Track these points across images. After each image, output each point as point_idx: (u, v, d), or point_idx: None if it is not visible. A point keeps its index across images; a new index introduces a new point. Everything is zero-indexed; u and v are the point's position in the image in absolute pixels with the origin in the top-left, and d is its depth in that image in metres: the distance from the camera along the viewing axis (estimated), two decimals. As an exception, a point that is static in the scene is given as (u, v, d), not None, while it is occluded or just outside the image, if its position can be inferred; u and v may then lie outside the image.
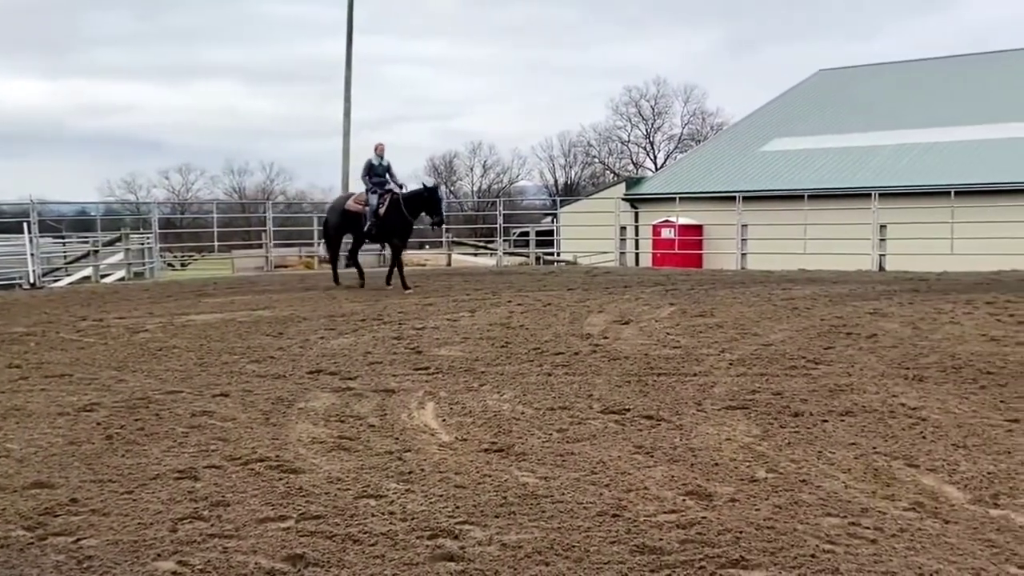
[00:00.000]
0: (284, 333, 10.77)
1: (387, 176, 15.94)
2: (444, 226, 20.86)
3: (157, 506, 4.78)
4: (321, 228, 20.20)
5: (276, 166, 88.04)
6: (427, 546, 4.20)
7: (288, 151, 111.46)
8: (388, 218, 15.51)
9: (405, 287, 15.15)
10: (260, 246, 25.85)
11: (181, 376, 8.34)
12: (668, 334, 10.02)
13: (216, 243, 26.20)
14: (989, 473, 5.10)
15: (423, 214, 15.85)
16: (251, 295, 15.38)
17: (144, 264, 23.74)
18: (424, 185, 15.93)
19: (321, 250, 21.92)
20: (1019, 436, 5.84)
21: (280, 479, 5.21)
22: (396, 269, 15.80)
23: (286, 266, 25.70)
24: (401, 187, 15.92)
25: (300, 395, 7.43)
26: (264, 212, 26.89)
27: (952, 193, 21.97)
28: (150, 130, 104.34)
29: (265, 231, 25.34)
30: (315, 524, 4.49)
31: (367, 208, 15.74)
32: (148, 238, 24.17)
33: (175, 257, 36.15)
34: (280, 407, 7.02)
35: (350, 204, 16.33)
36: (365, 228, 15.77)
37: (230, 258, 26.31)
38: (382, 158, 15.94)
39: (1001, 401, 6.77)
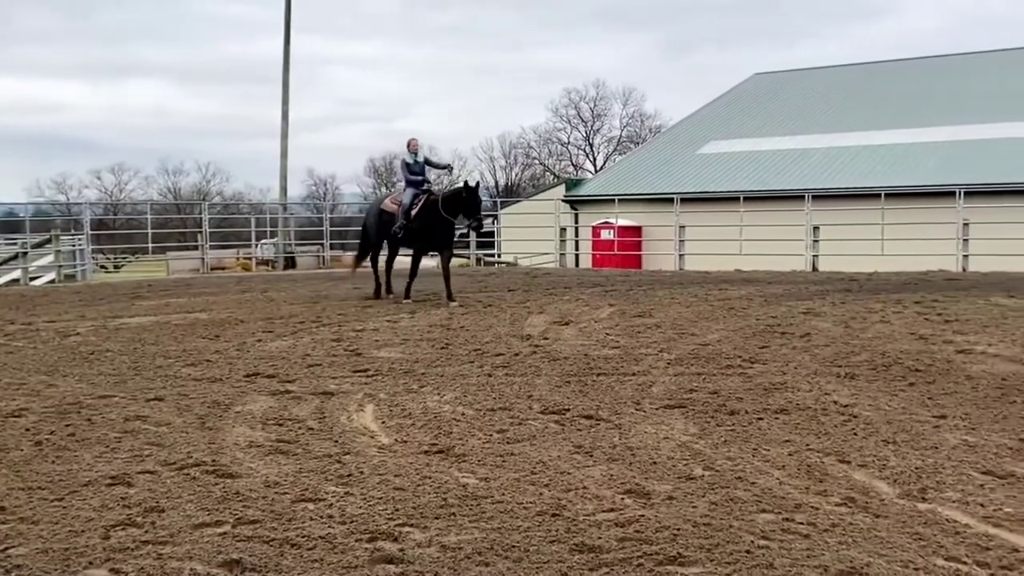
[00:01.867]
0: (221, 336, 10.60)
1: (425, 174, 14.18)
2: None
3: (89, 513, 4.67)
4: (279, 230, 19.74)
5: (212, 166, 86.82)
6: (366, 549, 4.17)
7: (225, 151, 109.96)
8: (422, 221, 13.65)
9: (451, 298, 13.34)
10: (196, 247, 25.45)
11: (114, 380, 8.16)
12: (607, 334, 10.11)
13: (150, 244, 25.73)
14: (917, 468, 5.24)
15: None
16: (187, 297, 15.12)
17: (75, 266, 23.18)
18: (465, 183, 13.88)
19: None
20: (946, 432, 6.01)
21: (216, 484, 5.13)
22: (445, 279, 13.72)
23: (223, 268, 25.33)
24: (448, 170, 14.49)
25: (237, 399, 7.33)
26: (200, 213, 26.46)
27: (883, 195, 22.54)
28: (81, 129, 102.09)
29: (201, 232, 24.95)
30: (252, 529, 4.43)
31: (399, 208, 13.95)
32: (79, 239, 23.62)
33: (108, 259, 35.36)
34: (216, 411, 6.91)
35: (387, 204, 14.46)
36: (393, 229, 13.89)
37: (165, 260, 25.83)
38: (416, 154, 14.16)
39: (929, 398, 6.96)
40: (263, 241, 28.56)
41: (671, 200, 25.02)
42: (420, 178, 14.04)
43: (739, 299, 12.92)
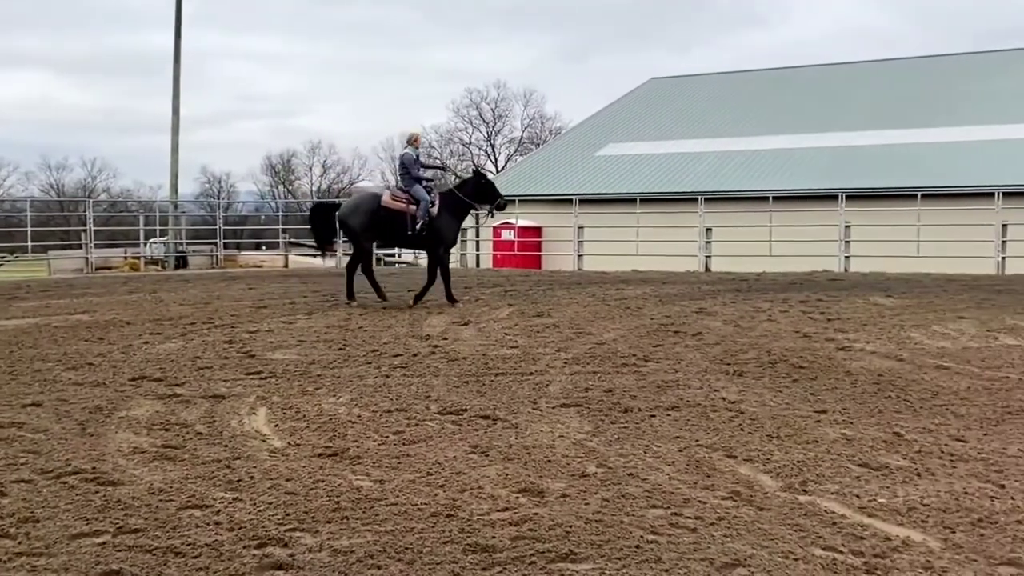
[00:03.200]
0: (105, 338, 10.22)
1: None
2: (282, 227, 20.19)
3: (-43, 526, 4.44)
4: (154, 228, 19.03)
5: (99, 162, 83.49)
6: (255, 555, 4.08)
7: (112, 147, 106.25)
8: (447, 216, 13.01)
9: (453, 300, 12.85)
10: (80, 247, 24.49)
11: (-12, 386, 7.78)
12: (506, 334, 10.15)
13: (30, 243, 24.61)
14: (799, 462, 5.43)
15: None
16: (69, 298, 14.53)
17: (-52, 266, 22.02)
18: (475, 171, 13.62)
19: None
20: (826, 426, 6.25)
21: (96, 492, 4.94)
22: (444, 278, 13.09)
23: (109, 268, 24.45)
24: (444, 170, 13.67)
25: (121, 403, 7.07)
26: (85, 211, 25.48)
27: (770, 198, 23.28)
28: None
29: (86, 231, 24.03)
30: (134, 538, 4.28)
31: (413, 207, 12.77)
32: (-48, 238, 22.44)
33: (-16, 258, 33.68)
34: (98, 416, 6.66)
35: (388, 200, 12.97)
36: (416, 228, 12.74)
37: (46, 259, 24.74)
38: (418, 149, 13.51)
39: (811, 393, 7.22)
40: (152, 240, 27.69)
41: (570, 201, 25.33)
42: (427, 174, 13.49)
43: (635, 299, 13.15)
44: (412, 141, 13.58)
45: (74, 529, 4.39)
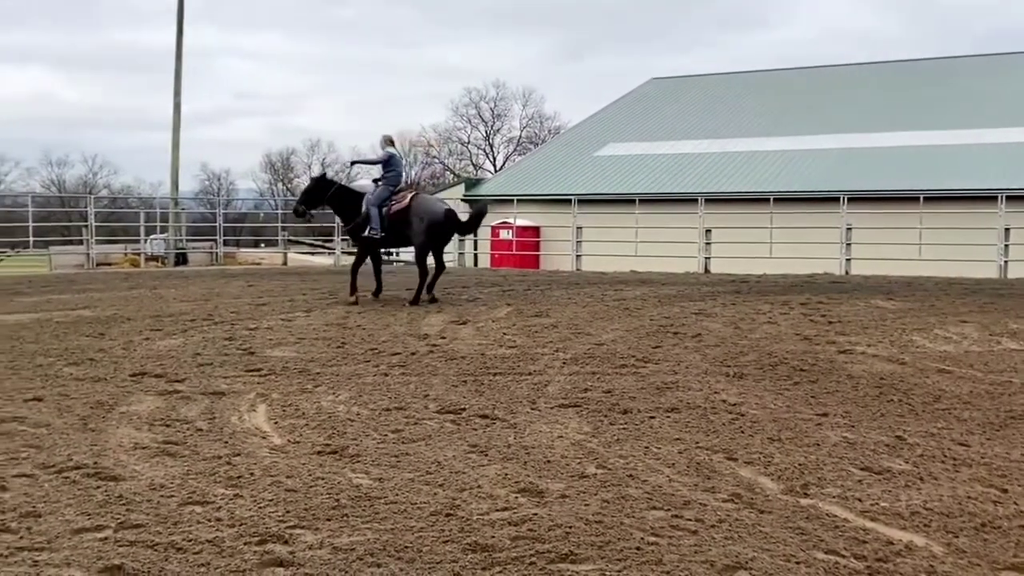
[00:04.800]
0: (106, 334, 10.22)
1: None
2: (281, 225, 20.04)
3: (-43, 520, 4.44)
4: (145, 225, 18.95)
5: (100, 158, 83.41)
6: (255, 552, 4.08)
7: (113, 144, 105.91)
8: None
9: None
10: (81, 243, 24.48)
11: (-12, 380, 7.77)
12: (504, 334, 10.15)
13: (32, 239, 24.59)
14: (800, 464, 5.43)
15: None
16: (70, 294, 14.52)
17: (-52, 260, 22.00)
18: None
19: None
20: (827, 429, 6.24)
21: (98, 487, 4.94)
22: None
23: (110, 264, 24.44)
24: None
25: (122, 399, 7.07)
26: (86, 207, 25.47)
27: (771, 200, 23.27)
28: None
29: (87, 226, 24.02)
30: (135, 533, 4.28)
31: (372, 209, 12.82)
32: (-47, 232, 22.42)
33: (-16, 253, 33.66)
34: (100, 412, 6.66)
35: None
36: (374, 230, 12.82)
37: (47, 255, 24.73)
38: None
39: (812, 396, 7.21)
40: (153, 237, 27.65)
41: (569, 201, 25.30)
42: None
43: (634, 300, 13.15)
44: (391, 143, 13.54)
45: (76, 524, 4.39)
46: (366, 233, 12.96)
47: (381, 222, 12.79)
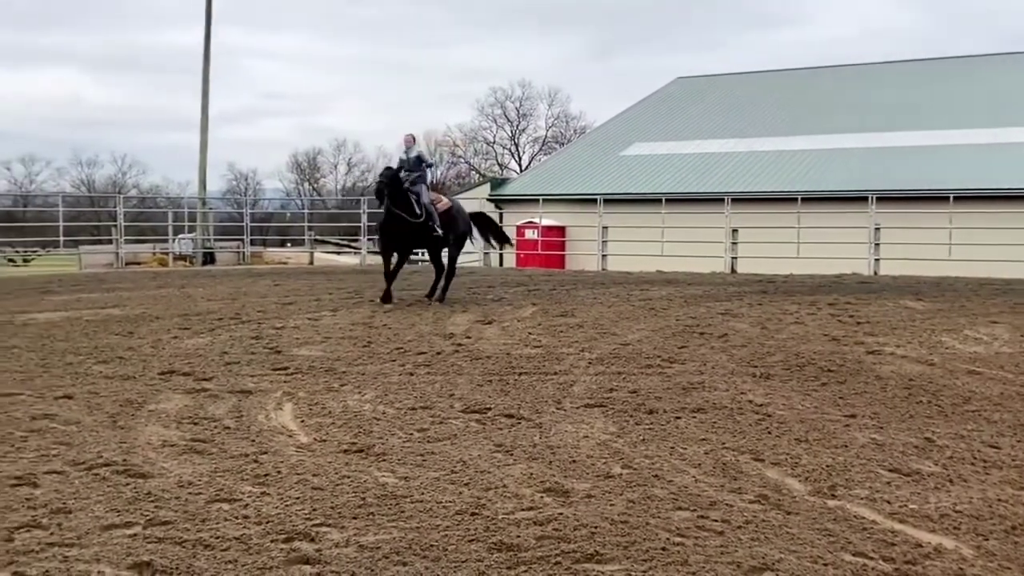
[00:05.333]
0: (135, 333, 10.33)
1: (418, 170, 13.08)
2: (307, 224, 20.04)
3: (-10, 515, 4.50)
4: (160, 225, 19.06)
5: (129, 158, 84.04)
6: (282, 549, 4.11)
7: (141, 143, 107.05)
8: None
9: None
10: (110, 242, 24.74)
11: (21, 378, 7.88)
12: (530, 334, 10.14)
13: (62, 238, 24.91)
14: (828, 466, 5.38)
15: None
16: (99, 293, 14.69)
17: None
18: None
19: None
20: (855, 431, 6.19)
21: (127, 484, 4.99)
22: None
23: (138, 263, 24.68)
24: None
25: (151, 397, 7.14)
26: (115, 206, 25.74)
27: (799, 200, 23.10)
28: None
29: (116, 226, 24.27)
30: (164, 530, 4.32)
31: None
32: (-14, 231, 22.72)
33: (16, 252, 34.08)
34: (129, 409, 6.73)
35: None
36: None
37: (77, 254, 25.02)
38: (408, 150, 13.25)
39: (840, 397, 7.16)
40: (181, 236, 27.90)
41: (595, 201, 25.25)
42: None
43: (659, 300, 13.10)
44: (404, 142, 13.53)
45: (105, 520, 4.44)
46: (438, 232, 13.02)
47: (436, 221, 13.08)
